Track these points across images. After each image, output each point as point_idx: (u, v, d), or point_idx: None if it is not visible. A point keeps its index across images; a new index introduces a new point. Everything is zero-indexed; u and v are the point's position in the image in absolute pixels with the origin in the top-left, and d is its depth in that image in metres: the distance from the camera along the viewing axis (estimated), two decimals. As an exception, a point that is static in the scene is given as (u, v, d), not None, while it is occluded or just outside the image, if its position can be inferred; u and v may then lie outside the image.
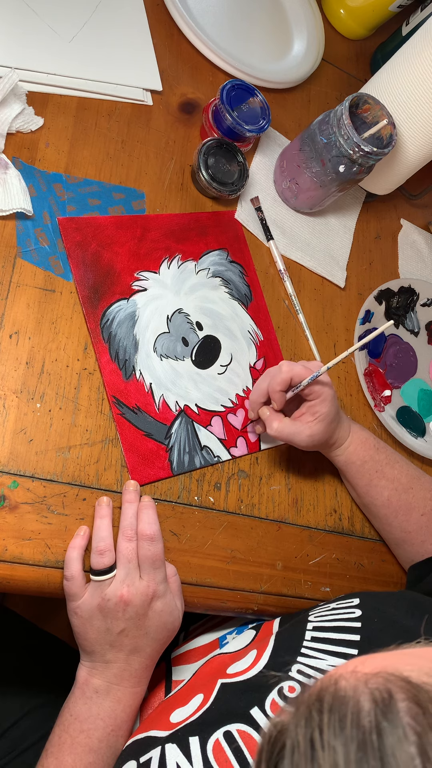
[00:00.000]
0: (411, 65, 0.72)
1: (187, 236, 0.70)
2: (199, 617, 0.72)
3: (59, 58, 0.68)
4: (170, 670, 0.62)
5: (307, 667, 0.45)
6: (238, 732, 0.43)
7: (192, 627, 0.72)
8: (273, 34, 0.88)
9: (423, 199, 0.95)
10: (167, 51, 0.77)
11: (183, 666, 0.62)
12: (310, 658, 0.46)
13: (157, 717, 0.51)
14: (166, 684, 0.60)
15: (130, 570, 0.53)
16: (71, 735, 0.51)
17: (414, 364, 0.83)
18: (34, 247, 0.61)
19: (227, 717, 0.45)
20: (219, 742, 0.43)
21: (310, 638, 0.48)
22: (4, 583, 0.52)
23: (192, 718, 0.47)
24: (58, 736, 0.51)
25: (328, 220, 0.83)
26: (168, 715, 0.49)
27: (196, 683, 0.53)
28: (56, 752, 0.51)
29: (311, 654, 0.47)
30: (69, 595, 0.53)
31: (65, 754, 0.50)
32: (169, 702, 0.53)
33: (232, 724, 0.44)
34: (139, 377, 0.62)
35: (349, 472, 0.65)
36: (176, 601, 0.55)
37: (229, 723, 0.44)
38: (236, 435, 0.65)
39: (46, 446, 0.56)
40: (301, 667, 0.46)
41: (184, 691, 0.53)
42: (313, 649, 0.47)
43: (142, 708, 0.59)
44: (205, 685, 0.51)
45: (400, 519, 0.64)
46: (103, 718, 0.51)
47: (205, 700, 0.48)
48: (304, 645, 0.48)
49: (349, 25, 0.96)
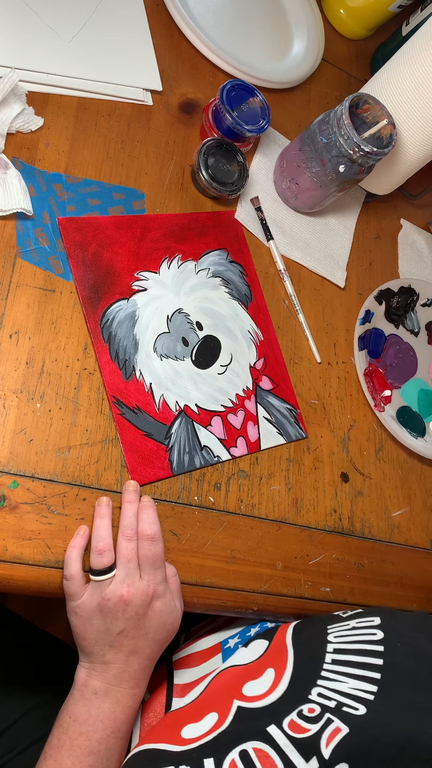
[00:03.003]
0: (411, 65, 0.72)
1: (187, 236, 0.70)
2: (200, 619, 0.72)
3: (59, 58, 0.68)
4: (172, 673, 0.62)
5: (328, 690, 0.44)
6: (254, 750, 0.42)
7: (192, 629, 0.71)
8: (273, 34, 0.88)
9: (423, 199, 0.95)
10: (167, 51, 0.77)
11: (185, 669, 0.61)
12: (331, 681, 0.45)
13: (166, 729, 0.50)
14: (167, 686, 0.60)
15: (130, 570, 0.53)
16: (70, 737, 0.51)
17: (414, 364, 0.83)
18: (34, 247, 0.61)
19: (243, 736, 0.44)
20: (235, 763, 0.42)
21: (330, 660, 0.47)
22: (4, 583, 0.52)
23: (207, 738, 0.46)
24: (56, 738, 0.51)
25: (328, 220, 0.83)
26: (179, 730, 0.49)
27: (209, 699, 0.52)
28: (55, 754, 0.50)
29: (332, 677, 0.46)
30: (68, 595, 0.53)
31: (64, 757, 0.50)
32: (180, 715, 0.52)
33: (247, 742, 0.43)
34: (139, 377, 0.62)
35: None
36: (176, 602, 0.55)
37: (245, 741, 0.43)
38: (236, 435, 0.65)
39: (46, 446, 0.56)
40: (321, 690, 0.45)
41: (196, 706, 0.52)
42: (334, 672, 0.46)
43: (143, 711, 0.58)
44: (219, 702, 0.50)
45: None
46: (102, 719, 0.51)
47: (221, 721, 0.47)
48: (325, 668, 0.47)
49: (349, 25, 0.96)
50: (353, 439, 0.73)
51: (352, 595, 0.66)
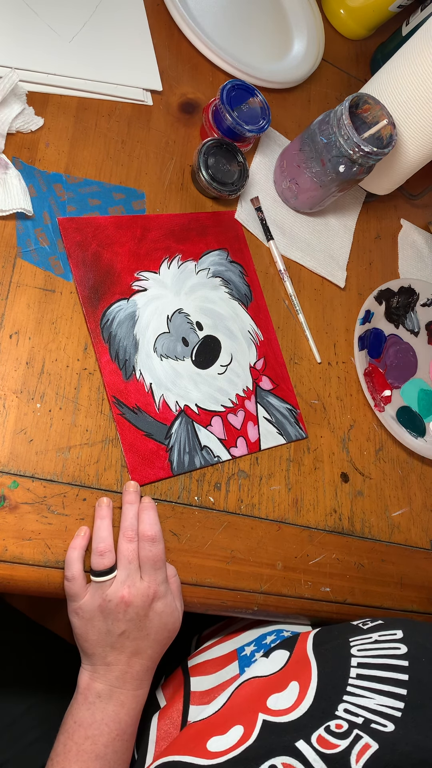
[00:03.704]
0: (411, 65, 0.72)
1: (187, 236, 0.70)
2: (210, 622, 0.72)
3: (59, 58, 0.68)
4: (188, 679, 0.61)
5: (354, 706, 0.44)
6: (283, 765, 0.42)
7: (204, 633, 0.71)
8: (273, 34, 0.88)
9: (423, 199, 0.95)
10: (167, 51, 0.77)
11: (202, 677, 0.61)
12: (357, 696, 0.45)
13: (191, 741, 0.50)
14: (184, 694, 0.59)
15: (131, 571, 0.53)
16: (76, 742, 0.50)
17: (414, 364, 0.83)
18: (34, 247, 0.61)
19: (272, 751, 0.44)
20: None
21: (355, 675, 0.47)
22: (4, 583, 0.52)
23: (234, 752, 0.46)
24: (62, 744, 0.51)
25: (328, 220, 0.83)
26: (204, 742, 0.48)
27: (233, 710, 0.51)
28: (62, 761, 0.50)
29: (358, 693, 0.45)
30: (70, 596, 0.53)
31: (71, 762, 0.50)
32: (205, 728, 0.51)
33: (276, 757, 0.43)
34: (139, 377, 0.62)
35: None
36: (176, 602, 0.55)
37: (273, 756, 0.43)
38: (236, 435, 0.65)
39: (46, 446, 0.56)
40: (348, 706, 0.44)
41: (220, 718, 0.51)
42: (359, 687, 0.46)
43: (160, 719, 0.58)
44: (243, 715, 0.49)
45: None
46: (107, 723, 0.51)
47: (247, 735, 0.47)
48: (350, 683, 0.46)
49: (349, 25, 0.96)
50: (353, 439, 0.73)
51: (352, 595, 0.66)
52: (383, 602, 0.68)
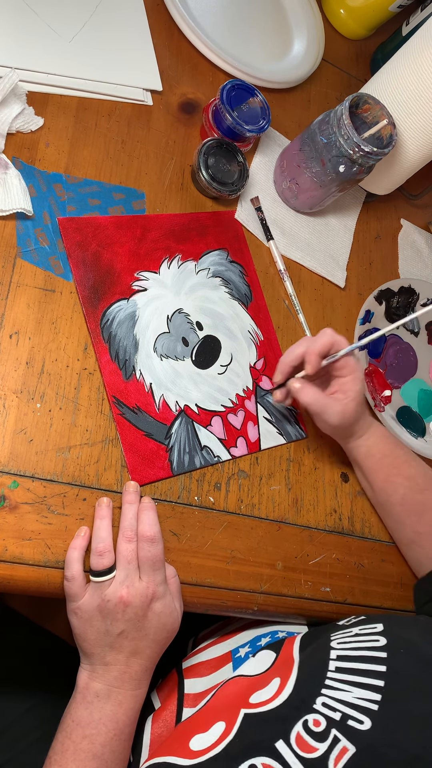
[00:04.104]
0: (411, 65, 0.72)
1: (187, 236, 0.70)
2: (207, 623, 0.72)
3: (59, 58, 0.68)
4: (182, 681, 0.62)
5: (332, 700, 0.45)
6: (263, 766, 0.42)
7: (201, 634, 0.71)
8: (273, 34, 0.88)
9: (423, 199, 0.95)
10: (167, 51, 0.77)
11: (196, 679, 0.61)
12: (334, 690, 0.45)
13: (175, 742, 0.50)
14: (178, 696, 0.60)
15: (129, 571, 0.53)
16: (74, 741, 0.51)
17: (414, 364, 0.84)
18: (34, 247, 0.61)
19: (252, 750, 0.44)
20: None
21: (334, 668, 0.47)
22: (4, 583, 0.52)
23: (215, 749, 0.46)
24: (60, 743, 0.51)
25: (328, 220, 0.83)
26: (187, 741, 0.49)
27: (216, 707, 0.52)
28: (60, 759, 0.50)
29: (336, 686, 0.46)
30: (69, 596, 0.53)
31: (69, 761, 0.50)
32: (188, 726, 0.52)
33: (256, 758, 0.43)
34: (139, 377, 0.62)
35: (368, 465, 0.65)
36: (175, 603, 0.55)
37: (253, 756, 0.43)
38: (236, 435, 0.65)
39: (46, 446, 0.56)
40: (325, 700, 0.45)
41: (203, 715, 0.52)
42: (337, 680, 0.46)
43: (154, 721, 0.58)
44: (226, 711, 0.50)
45: (412, 519, 0.64)
46: (105, 722, 0.51)
47: (228, 730, 0.47)
48: (329, 676, 0.47)
49: (349, 25, 0.96)
50: (353, 439, 0.73)
51: (352, 595, 0.66)
52: (383, 602, 0.68)
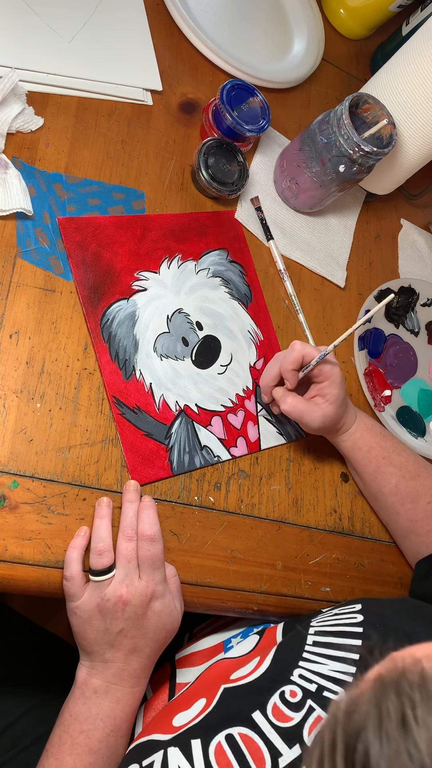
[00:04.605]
0: (411, 65, 0.72)
1: (187, 236, 0.70)
2: (203, 619, 0.72)
3: (59, 58, 0.68)
4: (174, 672, 0.62)
5: (308, 672, 0.46)
6: (239, 735, 0.43)
7: (196, 629, 0.71)
8: (273, 34, 0.88)
9: (423, 199, 0.95)
10: (167, 51, 0.77)
11: (187, 669, 0.62)
12: (311, 662, 0.46)
13: (159, 721, 0.51)
14: (170, 686, 0.60)
15: (129, 570, 0.53)
16: (71, 735, 0.51)
17: (414, 364, 0.83)
18: (34, 247, 0.61)
19: (229, 720, 0.45)
20: (221, 745, 0.43)
21: (312, 642, 0.48)
22: (4, 583, 0.52)
23: (194, 721, 0.47)
24: (58, 737, 0.52)
25: (328, 220, 0.83)
26: (170, 719, 0.49)
27: (199, 687, 0.53)
28: (56, 753, 0.51)
29: (313, 659, 0.47)
30: (68, 595, 0.53)
31: (65, 755, 0.50)
32: (172, 706, 0.53)
33: (234, 727, 0.44)
34: (139, 377, 0.62)
35: (356, 458, 0.66)
36: (175, 602, 0.55)
37: (231, 726, 0.44)
38: (236, 435, 0.65)
39: (46, 446, 0.56)
40: (302, 672, 0.46)
41: (186, 695, 0.53)
42: (314, 654, 0.47)
43: (146, 709, 0.59)
44: (208, 689, 0.51)
45: (407, 507, 0.65)
46: (102, 718, 0.52)
47: (208, 704, 0.48)
48: (306, 650, 0.48)
49: (349, 25, 0.96)
50: (353, 439, 0.73)
51: (352, 595, 0.66)
52: (383, 602, 0.68)
